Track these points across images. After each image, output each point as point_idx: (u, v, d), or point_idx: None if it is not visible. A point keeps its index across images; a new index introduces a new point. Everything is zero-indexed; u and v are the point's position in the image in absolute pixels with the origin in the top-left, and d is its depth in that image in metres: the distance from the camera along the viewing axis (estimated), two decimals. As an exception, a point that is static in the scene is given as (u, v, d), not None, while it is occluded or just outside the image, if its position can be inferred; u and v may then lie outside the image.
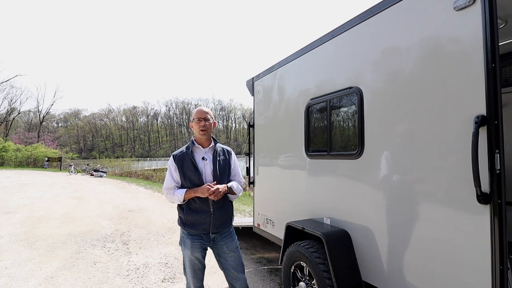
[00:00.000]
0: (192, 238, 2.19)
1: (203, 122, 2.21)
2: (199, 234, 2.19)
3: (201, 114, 2.23)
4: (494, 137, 1.56)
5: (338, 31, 2.65)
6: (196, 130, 2.23)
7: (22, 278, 3.70)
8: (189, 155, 2.20)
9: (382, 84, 2.25)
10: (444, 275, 1.80)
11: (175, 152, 2.28)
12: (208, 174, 2.19)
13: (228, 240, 2.26)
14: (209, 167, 2.21)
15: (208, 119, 2.24)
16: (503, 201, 1.55)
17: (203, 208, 2.15)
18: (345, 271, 2.34)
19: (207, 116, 2.24)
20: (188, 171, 2.17)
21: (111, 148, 79.99)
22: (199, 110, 2.27)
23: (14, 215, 7.23)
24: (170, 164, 2.23)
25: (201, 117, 2.22)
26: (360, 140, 2.40)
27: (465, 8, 1.69)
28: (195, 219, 2.16)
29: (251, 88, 4.33)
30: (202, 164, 2.21)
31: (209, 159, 2.23)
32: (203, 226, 2.16)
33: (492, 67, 1.57)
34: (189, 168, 2.17)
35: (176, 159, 2.21)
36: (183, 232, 2.26)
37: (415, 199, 1.98)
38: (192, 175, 2.16)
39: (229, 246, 2.26)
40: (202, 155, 2.24)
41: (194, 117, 2.24)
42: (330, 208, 2.74)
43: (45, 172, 23.97)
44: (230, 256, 2.26)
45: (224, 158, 2.30)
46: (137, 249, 4.88)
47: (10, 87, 47.46)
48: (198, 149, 2.25)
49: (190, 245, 2.18)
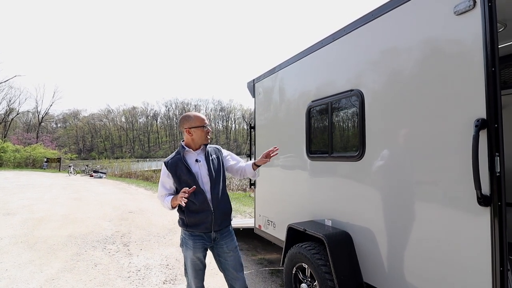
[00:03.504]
0: (194, 238, 2.22)
1: (208, 128, 2.29)
2: (200, 234, 2.22)
3: (203, 121, 2.27)
4: (494, 140, 1.58)
5: (339, 34, 2.67)
6: (202, 136, 2.26)
7: (22, 280, 3.70)
8: (181, 160, 2.23)
9: (383, 87, 2.27)
10: (445, 277, 1.82)
11: (166, 159, 2.30)
12: (204, 175, 2.23)
13: (228, 240, 2.30)
14: (204, 168, 2.24)
15: (208, 125, 2.31)
16: (503, 203, 1.57)
17: (203, 208, 2.18)
18: (346, 273, 2.35)
19: (207, 122, 2.31)
20: (182, 175, 2.20)
21: (111, 148, 79.83)
22: (200, 117, 2.28)
23: (14, 217, 7.22)
24: (163, 172, 2.27)
25: (206, 124, 2.27)
26: (361, 142, 2.41)
27: (465, 13, 1.71)
28: (197, 220, 2.19)
29: (252, 89, 4.35)
30: (197, 166, 2.24)
31: (202, 160, 2.27)
32: (205, 225, 2.19)
33: (492, 71, 1.59)
34: (183, 172, 2.20)
35: (168, 166, 2.23)
36: (184, 233, 2.28)
37: (416, 201, 2.00)
38: (187, 178, 2.19)
39: (229, 246, 2.29)
40: (194, 157, 2.26)
41: (197, 124, 2.24)
42: (332, 210, 2.76)
43: (44, 173, 23.91)
44: (229, 256, 2.29)
45: (216, 157, 2.35)
46: (138, 250, 4.89)
47: (9, 87, 47.46)
48: (189, 153, 2.28)
49: (192, 245, 2.21)
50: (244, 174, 2.42)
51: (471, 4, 1.67)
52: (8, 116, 47.99)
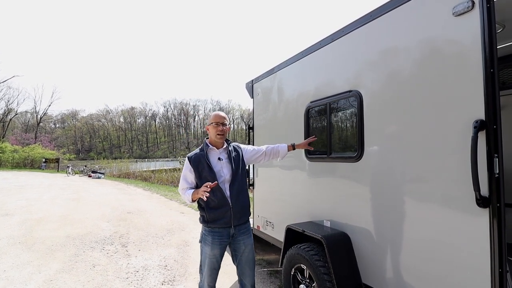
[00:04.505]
0: (213, 234, 2.30)
1: (221, 126, 2.34)
2: (220, 230, 2.30)
3: (219, 119, 2.36)
4: (493, 141, 1.58)
5: (338, 35, 2.67)
6: (213, 133, 2.35)
7: (21, 281, 3.68)
8: (204, 157, 2.31)
9: (382, 88, 2.27)
10: (444, 278, 1.82)
11: (190, 154, 2.39)
12: (225, 173, 2.31)
13: (245, 236, 2.39)
14: (225, 167, 2.34)
15: (225, 124, 2.38)
16: (502, 204, 1.57)
17: (222, 204, 2.26)
18: (345, 274, 2.35)
19: (224, 121, 2.38)
20: (203, 172, 2.29)
21: (109, 149, 79.67)
22: (218, 115, 2.39)
23: (12, 217, 7.20)
24: (185, 166, 2.35)
25: (219, 122, 2.35)
26: (359, 143, 2.41)
27: (464, 14, 1.71)
28: (216, 215, 2.27)
29: (251, 90, 4.34)
30: (219, 164, 2.33)
31: (224, 158, 2.36)
32: (224, 220, 2.27)
33: (490, 72, 1.59)
34: (204, 169, 2.29)
35: (191, 161, 2.32)
36: (204, 230, 2.37)
37: (415, 202, 2.00)
38: (207, 175, 2.27)
39: (245, 242, 2.38)
40: (217, 155, 2.36)
41: (212, 121, 2.35)
42: (330, 211, 2.75)
43: (43, 174, 23.84)
44: (245, 252, 2.39)
45: (237, 154, 2.44)
46: (136, 251, 4.87)
47: (7, 87, 47.36)
48: (212, 151, 2.37)
49: (210, 241, 2.29)
50: (277, 154, 2.63)
51: (469, 5, 1.67)
52: (7, 116, 47.85)
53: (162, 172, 19.71)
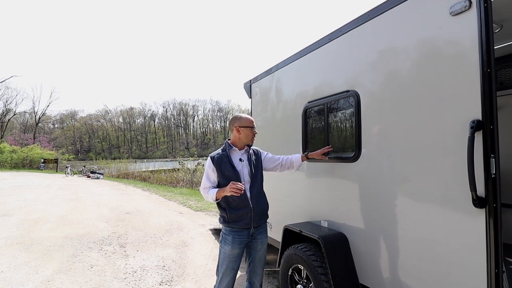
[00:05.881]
0: (233, 233, 2.34)
1: (255, 130, 2.49)
2: (241, 230, 2.34)
3: (252, 123, 2.48)
4: (490, 141, 1.57)
5: (335, 35, 2.66)
6: (249, 136, 2.46)
7: (18, 282, 3.67)
8: (226, 157, 2.38)
9: (379, 88, 2.26)
10: (441, 278, 1.82)
11: (212, 153, 2.45)
12: (246, 174, 2.39)
13: (262, 236, 2.46)
14: (246, 168, 2.42)
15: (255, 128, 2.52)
16: (498, 205, 1.56)
17: (243, 205, 2.31)
18: (342, 274, 2.35)
19: (255, 125, 2.52)
20: (226, 171, 2.34)
21: (108, 149, 79.53)
22: (250, 119, 2.49)
23: (10, 218, 7.18)
24: (208, 165, 2.40)
25: (253, 126, 2.48)
26: (357, 143, 2.41)
27: (461, 13, 1.70)
28: (238, 216, 2.31)
29: (249, 90, 4.34)
30: (240, 165, 2.40)
31: (245, 160, 2.44)
32: (245, 221, 2.32)
33: (487, 72, 1.59)
34: (227, 169, 2.34)
35: (214, 160, 2.37)
36: (225, 230, 2.41)
37: (412, 203, 1.99)
38: (230, 174, 2.33)
39: (263, 241, 2.45)
40: (239, 156, 2.43)
41: (247, 125, 2.44)
42: (328, 211, 2.75)
43: (41, 174, 23.80)
44: (260, 251, 2.45)
45: (256, 158, 2.52)
46: (134, 251, 4.86)
47: (6, 88, 47.39)
48: (234, 152, 2.44)
49: (231, 240, 2.34)
50: (291, 166, 2.69)
51: (467, 5, 1.66)
52: (5, 116, 47.81)
53: (161, 172, 19.68)
